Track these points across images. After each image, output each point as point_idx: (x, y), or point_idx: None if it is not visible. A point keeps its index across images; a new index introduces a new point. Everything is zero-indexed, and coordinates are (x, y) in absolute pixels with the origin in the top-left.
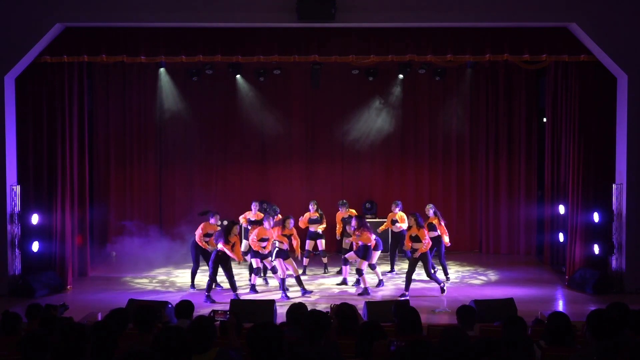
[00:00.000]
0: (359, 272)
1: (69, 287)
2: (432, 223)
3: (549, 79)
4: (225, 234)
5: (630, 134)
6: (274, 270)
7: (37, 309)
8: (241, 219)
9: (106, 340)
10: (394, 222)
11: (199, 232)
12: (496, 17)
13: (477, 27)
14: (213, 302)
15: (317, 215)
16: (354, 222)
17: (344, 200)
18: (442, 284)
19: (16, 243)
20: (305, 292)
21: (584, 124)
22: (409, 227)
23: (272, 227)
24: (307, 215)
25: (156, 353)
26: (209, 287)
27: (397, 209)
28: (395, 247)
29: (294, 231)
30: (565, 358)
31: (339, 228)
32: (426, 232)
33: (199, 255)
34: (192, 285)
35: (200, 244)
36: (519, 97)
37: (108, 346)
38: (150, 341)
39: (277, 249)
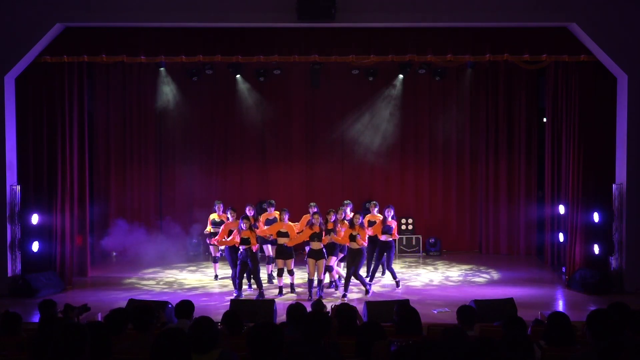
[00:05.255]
0: (329, 268)
1: (69, 287)
2: (389, 225)
3: (549, 79)
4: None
5: (630, 134)
6: (279, 272)
7: (51, 305)
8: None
9: (104, 340)
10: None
11: (219, 235)
12: (496, 17)
13: (477, 27)
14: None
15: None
16: (333, 218)
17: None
18: (368, 287)
19: (16, 243)
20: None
21: (584, 124)
22: (353, 226)
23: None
24: (307, 217)
25: (156, 354)
26: (238, 285)
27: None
28: (373, 252)
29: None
30: (565, 358)
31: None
32: (366, 232)
33: (236, 260)
34: (237, 289)
35: (216, 243)
36: (519, 97)
37: (106, 346)
38: (149, 341)
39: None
